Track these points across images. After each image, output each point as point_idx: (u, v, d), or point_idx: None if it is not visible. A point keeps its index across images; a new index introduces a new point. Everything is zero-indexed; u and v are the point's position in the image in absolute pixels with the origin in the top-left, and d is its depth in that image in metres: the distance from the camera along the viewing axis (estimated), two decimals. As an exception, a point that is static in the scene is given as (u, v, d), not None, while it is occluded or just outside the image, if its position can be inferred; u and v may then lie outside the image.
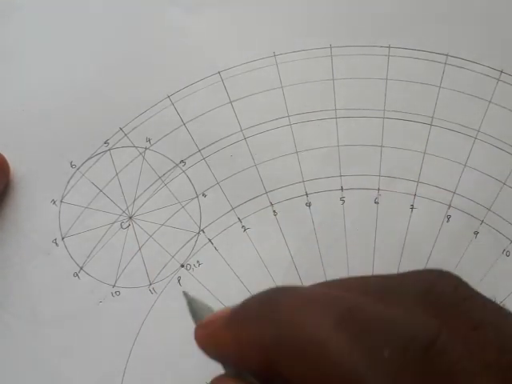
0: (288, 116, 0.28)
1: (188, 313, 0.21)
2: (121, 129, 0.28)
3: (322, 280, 0.18)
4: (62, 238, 0.27)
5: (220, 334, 0.18)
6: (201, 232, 0.27)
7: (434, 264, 0.26)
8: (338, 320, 0.14)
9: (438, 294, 0.15)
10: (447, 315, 0.14)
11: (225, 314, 0.18)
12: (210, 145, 0.28)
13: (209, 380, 0.26)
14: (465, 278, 0.26)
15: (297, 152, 0.28)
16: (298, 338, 0.15)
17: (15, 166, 0.28)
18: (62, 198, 0.28)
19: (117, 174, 0.28)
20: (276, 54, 0.28)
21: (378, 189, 0.27)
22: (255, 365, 0.16)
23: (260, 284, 0.27)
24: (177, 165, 0.28)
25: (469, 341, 0.14)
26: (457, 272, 0.17)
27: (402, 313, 0.15)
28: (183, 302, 0.26)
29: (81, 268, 0.27)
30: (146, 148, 0.28)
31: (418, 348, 0.13)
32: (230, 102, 0.28)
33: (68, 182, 0.28)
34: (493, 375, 0.14)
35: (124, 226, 0.27)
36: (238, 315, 0.18)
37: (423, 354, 0.13)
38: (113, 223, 0.27)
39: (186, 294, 0.21)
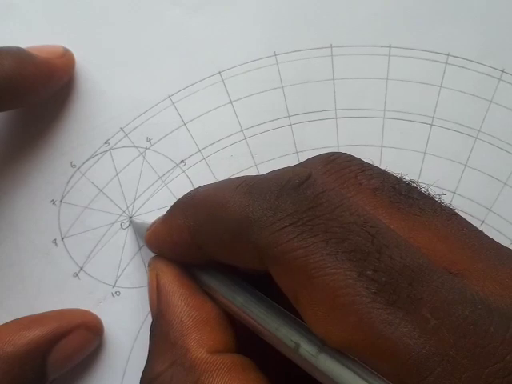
0: (288, 116, 0.28)
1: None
2: (121, 129, 0.28)
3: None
4: (62, 238, 0.27)
5: (157, 229, 0.22)
6: (201, 232, 0.27)
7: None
8: (236, 185, 0.19)
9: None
10: None
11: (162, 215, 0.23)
12: (210, 145, 0.28)
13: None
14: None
15: (297, 152, 0.28)
16: (210, 206, 0.19)
17: (17, 166, 0.28)
18: (62, 197, 0.28)
19: (117, 174, 0.28)
20: (276, 53, 0.28)
21: (379, 189, 0.27)
22: (185, 247, 0.20)
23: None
24: (177, 165, 0.28)
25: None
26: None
27: (280, 171, 0.19)
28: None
29: (81, 268, 0.27)
30: (146, 148, 0.28)
31: (292, 186, 0.18)
32: (231, 102, 0.28)
33: (68, 182, 0.28)
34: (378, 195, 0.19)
35: (124, 226, 0.27)
36: (169, 212, 0.22)
37: (296, 188, 0.17)
38: (113, 223, 0.27)
39: (132, 221, 0.27)
